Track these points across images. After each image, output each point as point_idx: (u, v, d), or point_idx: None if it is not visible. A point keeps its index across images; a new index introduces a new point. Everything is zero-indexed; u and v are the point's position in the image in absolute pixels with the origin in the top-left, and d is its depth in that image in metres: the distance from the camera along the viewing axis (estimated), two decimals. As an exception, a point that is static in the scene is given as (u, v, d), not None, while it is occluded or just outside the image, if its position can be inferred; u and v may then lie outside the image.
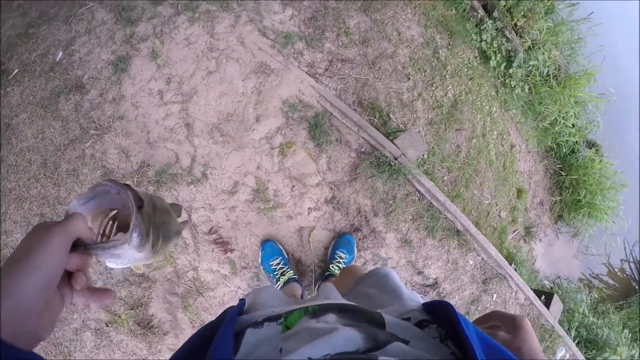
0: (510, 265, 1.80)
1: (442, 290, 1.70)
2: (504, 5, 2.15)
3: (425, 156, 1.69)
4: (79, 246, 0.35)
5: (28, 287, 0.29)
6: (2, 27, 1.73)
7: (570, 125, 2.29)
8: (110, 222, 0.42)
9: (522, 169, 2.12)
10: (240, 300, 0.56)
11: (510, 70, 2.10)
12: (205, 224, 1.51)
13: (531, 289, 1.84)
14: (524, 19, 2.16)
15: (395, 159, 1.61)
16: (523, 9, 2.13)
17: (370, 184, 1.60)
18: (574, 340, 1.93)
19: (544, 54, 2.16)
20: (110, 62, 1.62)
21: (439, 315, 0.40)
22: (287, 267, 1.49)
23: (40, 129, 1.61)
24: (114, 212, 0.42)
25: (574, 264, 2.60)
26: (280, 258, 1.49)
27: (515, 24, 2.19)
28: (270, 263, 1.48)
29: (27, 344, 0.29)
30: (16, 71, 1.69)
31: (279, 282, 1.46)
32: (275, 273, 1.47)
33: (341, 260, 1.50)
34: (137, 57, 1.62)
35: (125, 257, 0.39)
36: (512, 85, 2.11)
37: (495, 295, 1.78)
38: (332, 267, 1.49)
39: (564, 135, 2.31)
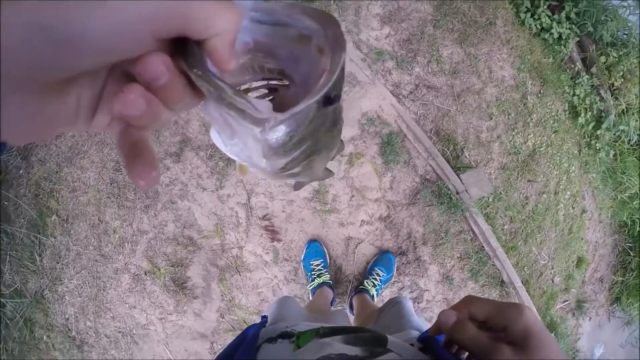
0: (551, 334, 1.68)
1: (473, 338, 1.63)
2: (604, 62, 2.03)
3: (490, 200, 1.64)
4: (189, 58, 0.17)
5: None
6: None
7: (651, 203, 2.09)
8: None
9: (589, 239, 1.97)
10: (262, 317, 0.61)
11: (598, 132, 1.96)
12: (261, 209, 1.60)
13: (568, 366, 1.70)
14: (622, 80, 2.02)
15: (457, 193, 1.59)
16: (623, 69, 1.99)
17: (426, 212, 1.58)
18: None
19: (637, 120, 2.00)
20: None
21: (432, 345, 0.44)
22: (325, 270, 1.52)
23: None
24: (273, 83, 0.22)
25: (620, 354, 2.34)
26: (322, 260, 1.53)
27: (612, 84, 2.05)
28: (312, 262, 1.53)
29: None
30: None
31: (313, 282, 1.50)
32: (312, 273, 1.51)
33: (377, 278, 1.51)
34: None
35: (241, 142, 0.22)
36: (597, 148, 1.97)
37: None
38: (367, 282, 1.50)
39: (641, 213, 2.10)
